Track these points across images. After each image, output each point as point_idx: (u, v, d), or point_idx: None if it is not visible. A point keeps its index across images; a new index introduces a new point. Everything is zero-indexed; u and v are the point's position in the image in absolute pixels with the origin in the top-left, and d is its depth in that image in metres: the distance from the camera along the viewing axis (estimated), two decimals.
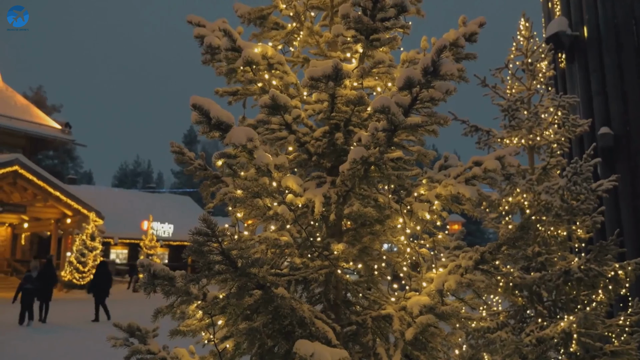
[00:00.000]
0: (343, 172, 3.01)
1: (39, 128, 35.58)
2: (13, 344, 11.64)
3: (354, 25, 3.04)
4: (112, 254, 37.04)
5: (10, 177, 24.67)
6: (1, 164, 24.30)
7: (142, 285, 2.74)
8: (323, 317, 3.19)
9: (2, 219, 29.01)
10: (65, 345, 11.84)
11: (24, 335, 13.42)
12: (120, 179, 77.62)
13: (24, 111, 35.77)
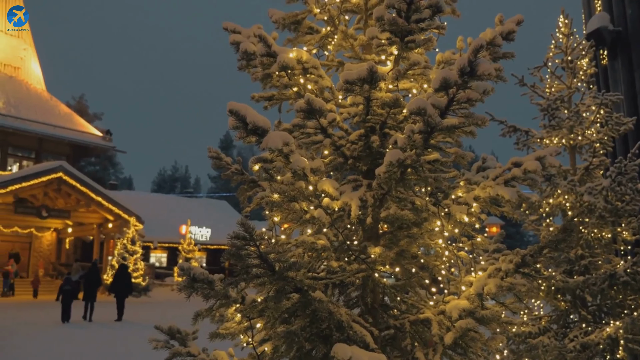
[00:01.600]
0: (379, 175, 2.99)
1: (81, 136, 36.71)
2: (55, 339, 12.15)
3: (389, 28, 3.03)
4: (152, 258, 37.83)
5: (55, 184, 25.52)
6: (46, 171, 25.18)
7: (183, 289, 2.79)
8: (360, 320, 3.18)
9: (47, 224, 30.00)
10: (99, 341, 12.73)
11: (65, 330, 14.46)
12: (159, 184, 79.28)
13: (67, 120, 36.98)
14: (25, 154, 34.84)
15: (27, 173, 25.53)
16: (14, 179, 24.70)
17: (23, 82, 36.74)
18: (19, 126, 32.90)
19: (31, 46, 38.65)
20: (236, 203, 50.29)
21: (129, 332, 14.51)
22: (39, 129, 33.85)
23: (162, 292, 29.80)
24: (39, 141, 34.89)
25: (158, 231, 35.07)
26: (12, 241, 29.97)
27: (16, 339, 12.44)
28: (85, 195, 26.33)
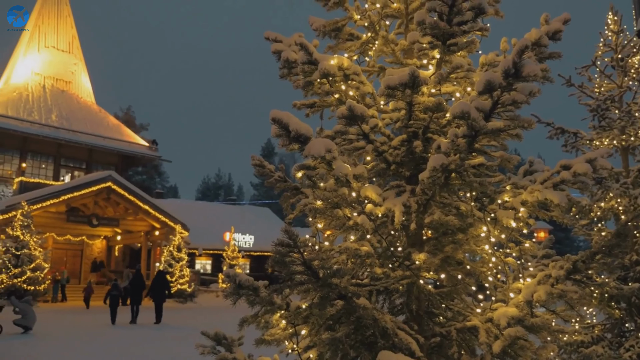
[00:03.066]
0: (423, 181, 2.96)
1: (129, 146, 37.91)
2: (104, 338, 12.64)
3: (430, 31, 3.00)
4: (197, 265, 38.54)
5: (104, 193, 26.42)
6: (96, 180, 26.10)
7: (229, 295, 2.83)
8: (406, 328, 3.15)
9: (98, 232, 31.06)
10: (141, 341, 13.60)
11: (113, 331, 15.35)
12: (203, 192, 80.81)
13: (115, 131, 38.27)
14: (77, 165, 36.24)
15: (78, 183, 26.52)
16: (66, 189, 25.71)
17: (74, 96, 38.27)
18: (71, 138, 34.28)
19: (81, 61, 40.26)
20: (278, 210, 50.71)
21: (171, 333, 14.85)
22: (90, 140, 35.18)
23: (208, 298, 30.29)
24: (89, 152, 36.24)
25: (203, 238, 35.72)
26: (65, 249, 31.16)
27: (69, 339, 12.94)
28: (133, 203, 27.12)
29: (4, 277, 21.57)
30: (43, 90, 36.36)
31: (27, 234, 22.59)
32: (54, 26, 39.05)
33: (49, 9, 39.30)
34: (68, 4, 40.70)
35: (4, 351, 11.24)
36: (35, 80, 36.55)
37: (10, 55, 39.46)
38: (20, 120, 32.79)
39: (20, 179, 30.71)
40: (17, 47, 39.03)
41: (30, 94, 35.27)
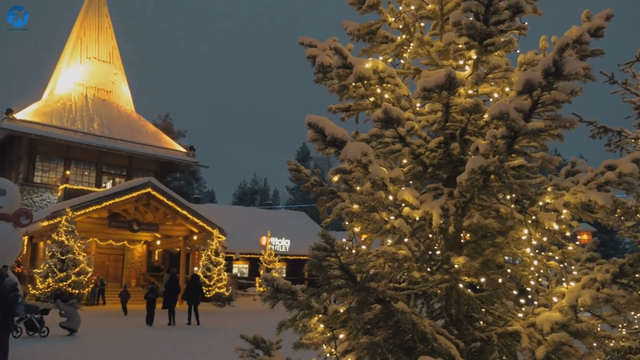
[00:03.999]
0: (461, 183, 2.92)
1: (167, 153, 38.74)
2: (144, 339, 12.98)
3: (466, 32, 2.96)
4: (235, 269, 38.99)
5: (144, 199, 27.02)
6: (136, 186, 26.73)
7: (267, 299, 2.85)
8: (445, 332, 3.10)
9: (138, 237, 31.80)
10: (177, 342, 14.11)
11: (150, 332, 15.98)
12: (240, 197, 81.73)
13: (154, 138, 39.18)
14: (118, 172, 37.26)
15: (119, 189, 27.22)
16: (108, 195, 26.42)
17: (114, 105, 39.40)
18: (112, 146, 35.29)
19: (121, 70, 41.42)
20: (314, 214, 50.87)
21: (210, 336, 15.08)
22: (130, 147, 36.14)
23: (245, 302, 30.60)
24: (130, 159, 37.21)
25: (240, 242, 36.12)
26: (107, 253, 32.03)
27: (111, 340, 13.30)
28: (171, 209, 27.65)
29: (50, 281, 22.31)
30: (85, 100, 37.55)
31: (72, 239, 23.31)
32: (95, 38, 40.33)
33: (90, 22, 40.62)
34: (108, 16, 41.97)
35: (52, 353, 11.62)
36: (77, 91, 37.79)
37: (54, 67, 40.95)
38: (64, 129, 33.97)
39: (65, 186, 31.75)
40: (60, 59, 40.48)
41: (73, 104, 36.49)
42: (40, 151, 34.16)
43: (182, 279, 27.04)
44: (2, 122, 31.82)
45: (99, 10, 41.49)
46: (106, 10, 42.07)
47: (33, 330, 13.61)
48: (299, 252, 39.62)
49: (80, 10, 41.62)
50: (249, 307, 27.91)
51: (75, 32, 40.25)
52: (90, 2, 41.41)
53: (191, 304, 19.24)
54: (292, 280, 3.04)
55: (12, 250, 17.52)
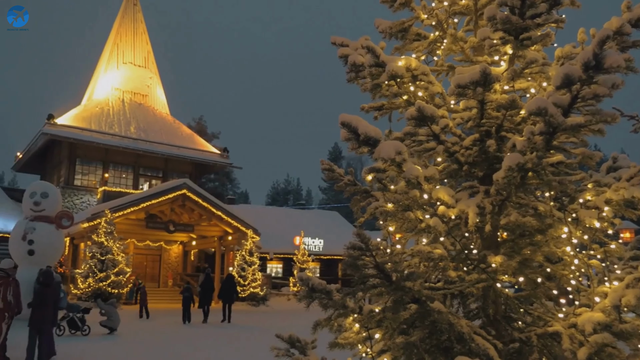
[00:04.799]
0: (497, 181, 2.87)
1: (201, 154, 39.34)
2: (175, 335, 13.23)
3: (502, 26, 2.91)
4: (269, 268, 39.27)
5: (179, 200, 27.49)
6: (172, 188, 27.22)
7: (302, 298, 2.86)
8: (483, 333, 3.05)
9: (174, 238, 32.36)
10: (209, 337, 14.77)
11: (186, 330, 16.81)
12: (273, 197, 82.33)
13: (189, 140, 39.84)
14: (154, 174, 38.04)
15: (155, 191, 27.77)
16: (145, 197, 26.98)
17: (150, 108, 40.23)
18: (148, 148, 36.06)
19: (156, 75, 42.28)
20: (347, 214, 50.80)
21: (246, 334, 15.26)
22: (165, 150, 36.85)
23: (279, 302, 30.78)
24: (165, 161, 37.94)
25: (273, 243, 36.36)
26: (145, 254, 32.72)
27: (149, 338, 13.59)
28: (206, 210, 28.04)
29: (90, 281, 22.93)
30: (122, 104, 38.48)
31: (111, 240, 23.90)
32: (131, 43, 41.29)
33: (126, 28, 41.62)
34: (143, 22, 42.91)
35: (94, 350, 11.95)
36: (115, 95, 38.76)
37: (93, 72, 42.12)
38: (103, 133, 34.88)
39: (104, 188, 32.61)
40: (98, 64, 41.60)
41: (111, 108, 37.44)
42: (80, 155, 35.17)
43: (217, 279, 27.40)
44: (44, 128, 32.89)
45: (134, 16, 42.46)
46: (141, 16, 43.02)
47: (75, 328, 14.01)
48: (332, 252, 39.63)
49: (116, 17, 42.71)
50: (283, 307, 28.06)
51: (112, 38, 41.32)
52: (125, 8, 42.42)
53: (226, 302, 19.83)
54: (326, 280, 3.04)
55: (55, 251, 18.08)
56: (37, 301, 10.00)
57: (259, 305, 27.91)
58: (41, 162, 40.05)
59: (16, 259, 16.13)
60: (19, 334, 10.58)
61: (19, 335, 10.59)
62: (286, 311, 25.10)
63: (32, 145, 36.46)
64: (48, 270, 10.96)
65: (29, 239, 16.96)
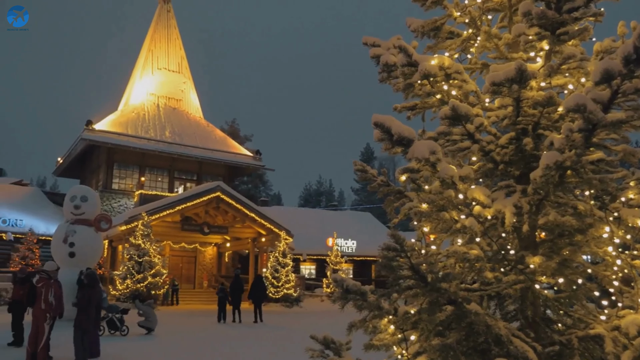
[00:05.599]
0: (535, 180, 2.81)
1: (234, 157, 39.81)
2: (210, 334, 13.43)
3: (537, 22, 2.85)
4: (302, 270, 39.42)
5: (214, 202, 27.89)
6: (206, 191, 27.63)
7: (336, 299, 2.86)
8: (521, 335, 3.00)
9: (209, 240, 32.83)
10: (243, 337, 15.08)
11: (220, 328, 17.51)
12: (306, 199, 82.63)
13: (222, 143, 40.37)
14: (189, 177, 38.70)
15: (190, 194, 28.25)
16: (180, 200, 27.47)
17: (184, 113, 40.96)
18: (183, 152, 36.71)
19: (189, 79, 43.03)
20: (380, 214, 50.56)
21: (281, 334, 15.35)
22: (199, 153, 37.46)
23: (313, 303, 30.85)
24: (199, 164, 38.55)
25: (307, 244, 36.50)
26: (181, 255, 33.30)
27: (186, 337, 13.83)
28: (240, 212, 28.36)
29: (128, 282, 23.47)
30: (157, 109, 39.29)
31: (147, 242, 24.41)
32: (165, 49, 42.14)
33: (160, 34, 42.51)
34: (176, 28, 43.76)
35: (132, 350, 12.22)
36: (150, 100, 39.61)
37: (129, 78, 43.15)
38: (139, 138, 35.69)
39: (140, 191, 33.33)
40: (134, 70, 42.61)
41: (146, 113, 38.27)
42: (118, 159, 36.08)
43: (251, 280, 27.66)
44: (83, 133, 33.85)
45: (168, 23, 43.34)
46: (174, 22, 43.88)
47: (114, 329, 14.35)
48: (365, 253, 39.53)
49: (150, 24, 43.68)
50: (316, 308, 28.11)
51: (147, 44, 42.27)
52: (159, 15, 43.35)
53: (255, 303, 20.37)
54: (359, 281, 3.03)
55: (94, 253, 18.59)
56: (82, 302, 10.27)
57: (293, 306, 28.03)
58: (80, 167, 41.27)
59: (58, 261, 16.65)
60: (61, 334, 10.91)
61: (62, 335, 10.93)
62: (319, 312, 25.13)
63: (72, 150, 37.60)
64: (91, 271, 11.26)
65: (70, 242, 17.48)
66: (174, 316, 20.82)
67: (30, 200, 34.17)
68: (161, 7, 43.84)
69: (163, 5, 43.91)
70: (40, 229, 31.29)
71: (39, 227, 31.27)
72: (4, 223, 31.12)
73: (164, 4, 44.03)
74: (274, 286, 27.75)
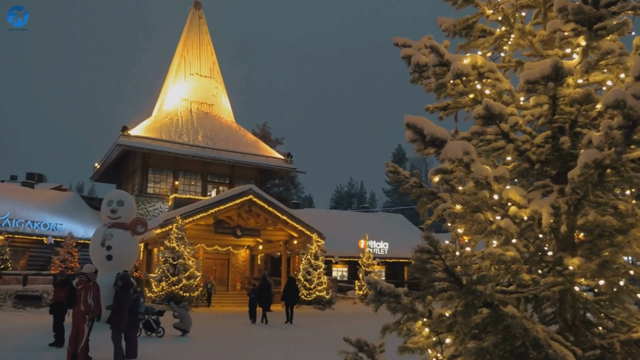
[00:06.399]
0: (573, 179, 2.74)
1: (266, 160, 40.11)
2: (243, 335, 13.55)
3: (573, 17, 2.78)
4: (334, 272, 39.38)
5: (246, 205, 28.14)
6: (238, 194, 27.91)
7: (370, 302, 2.85)
8: (560, 339, 2.92)
9: (241, 242, 33.13)
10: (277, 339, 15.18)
11: (249, 328, 18.11)
12: (337, 201, 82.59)
13: (254, 147, 40.74)
14: (221, 180, 39.18)
15: (223, 197, 28.56)
16: (213, 203, 27.82)
17: (216, 117, 41.50)
18: (215, 156, 37.19)
19: (221, 84, 43.59)
20: (412, 216, 50.12)
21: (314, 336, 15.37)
22: (231, 157, 37.88)
23: (345, 305, 30.76)
24: (232, 168, 38.98)
25: (338, 246, 36.43)
26: (214, 258, 33.69)
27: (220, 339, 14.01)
28: (272, 214, 28.53)
29: (164, 284, 23.87)
30: (190, 114, 39.93)
31: (182, 245, 24.78)
32: (197, 55, 42.81)
33: (192, 40, 43.22)
34: (208, 34, 44.42)
35: (167, 352, 12.43)
36: (183, 106, 40.29)
37: (162, 84, 44.00)
38: (173, 142, 36.32)
39: (175, 195, 33.90)
40: (167, 76, 43.42)
41: (180, 118, 38.93)
42: (152, 164, 36.79)
43: (283, 282, 27.78)
44: (119, 139, 34.66)
45: (200, 29, 44.02)
46: (206, 28, 44.54)
47: (151, 330, 14.62)
48: (397, 255, 39.22)
49: (182, 30, 44.45)
50: (349, 310, 28.02)
51: (179, 50, 43.03)
52: (191, 22, 44.07)
53: (288, 304, 20.95)
54: (392, 283, 3.01)
55: (131, 256, 18.99)
56: (118, 304, 10.50)
57: (325, 308, 28.02)
58: (117, 172, 42.25)
59: (96, 264, 17.09)
60: (99, 336, 11.17)
61: (100, 337, 11.19)
62: (352, 315, 25.06)
63: (108, 156, 38.53)
64: (126, 274, 11.51)
65: (107, 245, 17.90)
66: (208, 318, 21.10)
67: (70, 205, 35.19)
68: (193, 13, 44.56)
69: (195, 12, 44.63)
70: (79, 232, 32.17)
71: (77, 231, 32.16)
72: (45, 227, 32.10)
73: (196, 10, 44.75)
74: (306, 288, 27.80)
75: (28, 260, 32.02)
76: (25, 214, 31.96)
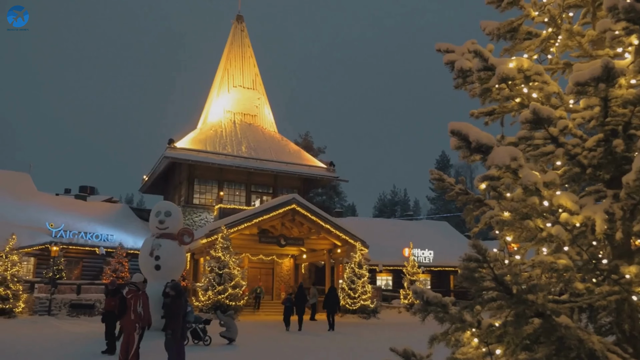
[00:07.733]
0: (628, 184, 2.63)
1: (309, 169, 40.32)
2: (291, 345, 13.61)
3: (625, 16, 2.68)
4: (378, 281, 39.05)
5: (289, 215, 28.34)
6: (282, 203, 28.15)
7: (417, 311, 2.81)
8: (618, 350, 2.80)
9: (285, 251, 33.33)
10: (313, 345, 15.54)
11: (294, 337, 18.11)
12: (380, 209, 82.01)
13: (296, 156, 41.04)
14: (264, 190, 39.62)
15: (266, 207, 28.86)
16: (257, 213, 28.14)
17: (259, 128, 42.08)
18: (259, 166, 37.67)
19: (264, 95, 44.22)
20: (457, 223, 49.22)
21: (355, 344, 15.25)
22: (274, 167, 38.28)
23: (390, 314, 30.42)
24: (275, 177, 39.37)
25: (382, 254, 36.13)
26: (259, 267, 34.04)
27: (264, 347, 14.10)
28: (315, 223, 28.60)
29: (210, 293, 24.24)
30: (233, 125, 40.64)
31: (227, 255, 25.13)
32: (240, 68, 43.62)
33: (235, 53, 44.09)
34: (250, 46, 45.21)
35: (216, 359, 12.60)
36: (227, 117, 41.06)
37: (206, 97, 45.00)
38: (217, 154, 37.03)
39: (220, 205, 34.49)
40: (211, 89, 44.39)
41: (223, 130, 39.68)
42: (198, 175, 37.60)
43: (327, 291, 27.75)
44: (166, 152, 35.61)
45: (242, 42, 44.86)
46: (248, 41, 45.35)
47: (198, 338, 14.86)
48: (443, 263, 38.54)
49: (225, 44, 45.40)
50: (394, 320, 27.70)
51: (223, 64, 43.95)
52: (234, 35, 44.97)
53: (329, 312, 21.95)
54: (438, 292, 2.96)
55: (178, 265, 19.42)
56: (172, 312, 10.69)
57: (370, 317, 27.78)
58: (164, 183, 43.38)
59: (145, 273, 17.53)
60: (150, 344, 11.44)
61: (151, 344, 11.45)
62: (397, 324, 24.76)
63: (156, 168, 39.62)
64: (175, 283, 11.74)
65: (156, 255, 18.36)
66: (254, 326, 21.32)
67: (120, 216, 36.36)
68: (235, 27, 45.46)
69: (237, 25, 45.51)
70: (128, 243, 33.15)
71: (127, 242, 33.13)
72: (97, 238, 33.24)
73: (238, 23, 45.64)
74: (350, 297, 27.67)
75: (81, 270, 33.22)
76: (78, 225, 33.19)
